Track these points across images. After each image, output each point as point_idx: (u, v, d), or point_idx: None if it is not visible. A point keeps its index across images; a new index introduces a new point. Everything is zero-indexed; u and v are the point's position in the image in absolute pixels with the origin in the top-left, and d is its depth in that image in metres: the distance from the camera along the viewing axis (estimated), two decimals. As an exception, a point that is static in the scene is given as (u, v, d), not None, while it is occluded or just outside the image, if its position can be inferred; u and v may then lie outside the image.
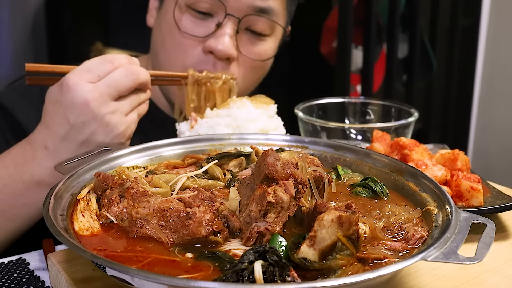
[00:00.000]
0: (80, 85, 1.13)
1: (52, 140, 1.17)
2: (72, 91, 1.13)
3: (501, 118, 3.52)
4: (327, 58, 3.10)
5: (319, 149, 1.16)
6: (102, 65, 1.17)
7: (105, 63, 1.17)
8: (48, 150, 1.18)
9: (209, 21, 1.47)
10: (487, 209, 1.03)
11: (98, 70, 1.16)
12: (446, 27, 3.40)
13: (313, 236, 0.73)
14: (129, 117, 1.20)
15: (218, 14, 1.46)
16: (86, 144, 1.16)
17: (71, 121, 1.14)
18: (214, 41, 1.46)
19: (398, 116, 1.60)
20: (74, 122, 1.14)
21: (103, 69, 1.16)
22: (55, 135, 1.17)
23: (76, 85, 1.13)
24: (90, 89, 1.14)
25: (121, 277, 0.70)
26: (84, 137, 1.15)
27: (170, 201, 0.83)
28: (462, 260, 0.70)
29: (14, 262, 1.05)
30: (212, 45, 1.46)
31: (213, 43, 1.46)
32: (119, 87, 1.17)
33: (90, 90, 1.13)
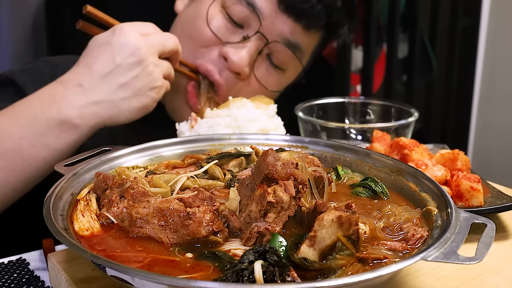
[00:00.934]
0: (134, 33, 1.21)
1: (90, 78, 1.19)
2: (127, 35, 1.20)
3: (501, 118, 3.52)
4: (327, 58, 3.10)
5: (319, 149, 1.16)
6: (149, 26, 1.28)
7: (151, 26, 1.28)
8: (82, 87, 1.19)
9: (238, 31, 1.47)
10: (487, 209, 1.03)
11: (147, 29, 1.26)
12: (446, 27, 3.40)
13: (313, 236, 0.73)
14: (165, 81, 1.29)
15: (249, 28, 1.46)
16: (125, 88, 1.20)
17: (118, 61, 1.19)
18: (233, 51, 1.46)
19: (398, 116, 1.60)
20: (120, 63, 1.19)
21: (149, 29, 1.27)
22: (95, 73, 1.19)
23: (130, 31, 1.21)
24: (142, 39, 1.22)
25: (121, 277, 0.70)
26: (126, 80, 1.19)
27: (170, 201, 0.83)
28: (462, 260, 0.70)
29: (14, 262, 1.05)
30: (230, 53, 1.45)
31: (232, 52, 1.46)
32: (166, 45, 1.27)
33: (142, 40, 1.22)
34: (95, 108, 1.20)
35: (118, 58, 1.19)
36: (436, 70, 3.35)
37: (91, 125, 1.21)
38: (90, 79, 1.19)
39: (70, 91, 1.18)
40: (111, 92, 1.19)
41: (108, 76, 1.19)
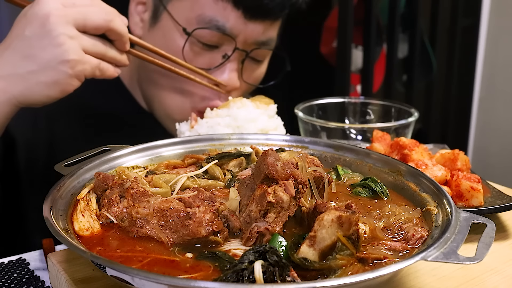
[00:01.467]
0: (54, 2, 1.11)
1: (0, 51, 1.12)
2: (40, 4, 1.10)
3: (501, 118, 3.52)
4: (327, 58, 3.10)
5: (319, 149, 1.16)
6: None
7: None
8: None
9: (215, 52, 1.46)
10: (487, 209, 1.03)
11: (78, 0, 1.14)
12: (446, 27, 3.40)
13: (313, 236, 0.73)
14: (86, 56, 1.15)
15: (224, 45, 1.46)
16: (31, 59, 1.11)
17: (27, 32, 1.11)
18: (220, 74, 1.46)
19: (398, 116, 1.60)
20: (28, 34, 1.11)
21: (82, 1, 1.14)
22: (5, 46, 1.12)
23: (47, 2, 1.10)
24: (57, 6, 1.11)
25: (121, 277, 0.70)
26: (32, 51, 1.11)
27: (170, 201, 0.83)
28: (462, 260, 0.70)
29: (14, 262, 1.05)
30: (219, 78, 1.46)
31: (220, 76, 1.46)
32: (87, 19, 1.13)
33: (57, 7, 1.11)
34: (2, 83, 1.11)
35: (27, 29, 1.10)
36: (436, 70, 3.35)
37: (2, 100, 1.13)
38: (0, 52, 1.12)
39: None
40: (16, 65, 1.11)
41: (15, 46, 1.11)
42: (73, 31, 1.12)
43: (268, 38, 1.50)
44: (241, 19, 1.42)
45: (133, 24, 1.56)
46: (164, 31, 1.48)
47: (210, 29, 1.41)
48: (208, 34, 1.42)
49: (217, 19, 1.41)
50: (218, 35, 1.43)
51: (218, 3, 1.40)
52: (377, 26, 2.95)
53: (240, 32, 1.44)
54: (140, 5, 1.56)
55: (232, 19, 1.41)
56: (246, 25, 1.44)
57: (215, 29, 1.41)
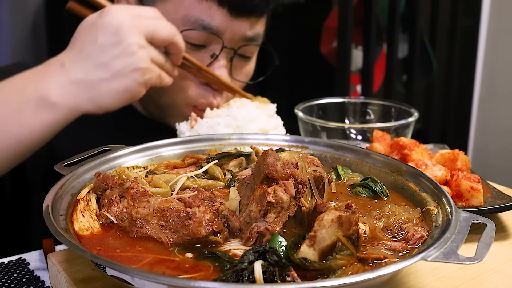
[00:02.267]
0: (121, 13, 1.17)
1: (72, 57, 1.17)
2: (111, 15, 1.16)
3: (501, 118, 3.52)
4: (327, 58, 3.10)
5: (319, 149, 1.16)
6: (147, 10, 1.22)
7: (150, 10, 1.23)
8: (64, 67, 1.16)
9: (202, 51, 1.46)
10: (487, 209, 1.03)
11: (141, 12, 1.20)
12: (446, 27, 3.40)
13: (313, 236, 0.73)
14: (153, 65, 1.22)
15: (212, 45, 1.46)
16: (104, 67, 1.16)
17: (99, 40, 1.15)
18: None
19: (398, 116, 1.60)
20: (101, 42, 1.15)
21: (146, 13, 1.21)
22: (77, 53, 1.17)
23: (116, 11, 1.17)
24: (129, 18, 1.17)
25: (121, 277, 0.70)
26: (105, 59, 1.15)
27: (170, 201, 0.83)
28: (462, 260, 0.70)
29: (14, 262, 1.05)
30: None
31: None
32: (156, 32, 1.20)
33: (129, 18, 1.17)
34: (74, 88, 1.15)
35: (100, 38, 1.15)
36: (436, 70, 3.35)
37: (70, 105, 1.16)
38: (72, 58, 1.16)
39: (52, 70, 1.16)
40: (89, 71, 1.15)
41: (89, 55, 1.15)
42: (143, 41, 1.19)
43: (255, 33, 1.50)
44: (226, 17, 1.42)
45: None
46: None
47: (196, 29, 1.41)
48: (194, 35, 1.42)
49: (202, 19, 1.41)
50: (205, 35, 1.43)
51: (203, 3, 1.40)
52: (377, 26, 2.95)
53: (226, 30, 1.44)
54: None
55: (218, 18, 1.42)
56: (232, 22, 1.44)
57: (201, 29, 1.42)
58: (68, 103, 1.16)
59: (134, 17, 1.18)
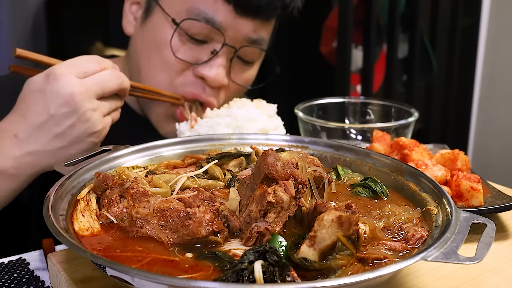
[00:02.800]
0: (68, 77, 1.14)
1: (25, 128, 1.15)
2: (59, 82, 1.13)
3: (501, 118, 3.52)
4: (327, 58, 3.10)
5: (319, 149, 1.16)
6: (90, 63, 1.19)
7: (93, 62, 1.20)
8: (17, 139, 1.15)
9: (204, 47, 1.47)
10: (487, 209, 1.03)
11: (86, 67, 1.18)
12: (446, 27, 3.40)
13: (313, 236, 0.73)
14: (105, 119, 1.22)
15: (214, 41, 1.46)
16: (61, 137, 1.15)
17: (52, 111, 1.13)
18: (208, 69, 1.47)
19: (398, 116, 1.60)
20: (54, 113, 1.13)
21: (90, 67, 1.18)
22: (30, 124, 1.15)
23: (64, 76, 1.13)
24: (78, 82, 1.14)
25: (121, 277, 0.70)
26: (61, 129, 1.14)
27: (170, 201, 0.83)
28: (462, 260, 0.70)
29: (14, 262, 1.05)
30: (205, 73, 1.47)
31: (207, 71, 1.47)
32: (105, 87, 1.19)
33: (78, 83, 1.14)
34: (31, 158, 1.17)
35: (51, 108, 1.13)
36: (436, 70, 3.35)
37: (29, 174, 1.19)
38: (25, 129, 1.15)
39: (6, 143, 1.16)
40: (46, 143, 1.16)
41: (43, 126, 1.14)
42: (95, 103, 1.18)
43: (258, 37, 1.50)
44: (231, 14, 1.43)
45: (126, 23, 1.59)
46: (154, 24, 1.50)
47: (199, 21, 1.42)
48: (197, 26, 1.43)
49: (206, 12, 1.42)
50: (207, 28, 1.44)
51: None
52: (377, 26, 2.95)
53: (230, 27, 1.44)
54: (135, 5, 1.58)
55: (222, 13, 1.42)
56: (236, 20, 1.44)
57: (204, 21, 1.42)
58: (27, 172, 1.19)
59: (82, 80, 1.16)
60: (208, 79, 1.47)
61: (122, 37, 1.65)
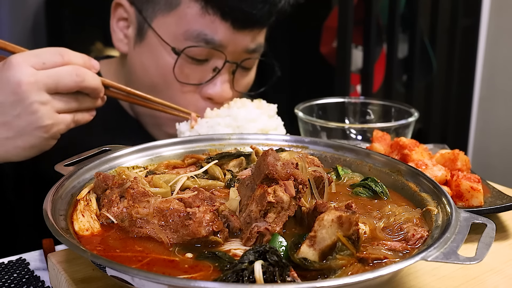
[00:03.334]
0: (22, 66, 1.11)
1: None
2: (11, 70, 1.10)
3: (501, 118, 3.52)
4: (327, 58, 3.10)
5: (319, 149, 1.16)
6: (52, 55, 1.15)
7: (55, 55, 1.15)
8: None
9: (205, 65, 1.46)
10: (487, 209, 1.03)
11: (45, 59, 1.14)
12: (446, 27, 3.40)
13: (313, 236, 0.73)
14: (60, 116, 1.16)
15: (214, 58, 1.45)
16: (7, 127, 1.12)
17: (2, 98, 1.11)
18: (213, 87, 1.46)
19: (398, 116, 1.60)
20: (2, 101, 1.11)
21: (50, 59, 1.14)
22: None
23: (17, 65, 1.10)
24: (29, 72, 1.11)
25: (121, 277, 0.70)
26: (6, 119, 1.12)
27: (170, 201, 0.83)
28: (462, 260, 0.70)
29: (14, 262, 1.05)
30: (211, 92, 1.46)
31: (212, 89, 1.46)
32: (59, 83, 1.14)
33: (28, 73, 1.11)
34: None
35: (2, 97, 1.10)
36: (436, 70, 3.35)
37: None
38: None
39: None
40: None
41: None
42: (45, 96, 1.13)
43: (256, 45, 1.50)
44: (229, 31, 1.41)
45: (117, 41, 1.55)
46: (151, 48, 1.47)
47: (199, 45, 1.40)
48: (197, 50, 1.41)
49: (205, 33, 1.40)
50: (207, 50, 1.42)
51: (206, 16, 1.39)
52: (377, 26, 2.95)
53: (229, 44, 1.43)
54: (122, 21, 1.54)
55: (221, 32, 1.40)
56: (234, 35, 1.43)
57: (204, 44, 1.40)
58: None
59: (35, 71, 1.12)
60: (214, 97, 1.46)
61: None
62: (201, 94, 1.47)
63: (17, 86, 1.10)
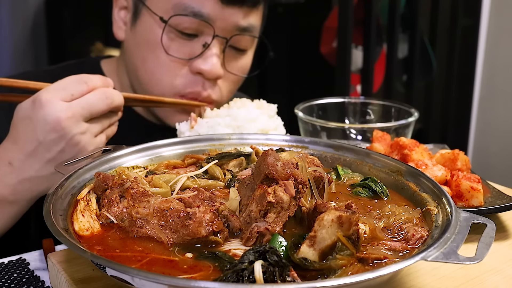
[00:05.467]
0: (54, 103, 1.13)
1: (18, 156, 1.17)
2: (45, 108, 1.13)
3: (501, 118, 3.52)
4: (327, 58, 3.11)
5: (319, 149, 1.16)
6: (77, 85, 1.17)
7: (80, 83, 1.18)
8: (12, 166, 1.17)
9: (195, 41, 1.47)
10: (487, 209, 1.03)
11: (73, 90, 1.16)
12: (446, 27, 3.40)
13: (313, 236, 0.73)
14: (97, 139, 1.21)
15: (204, 34, 1.47)
16: (53, 163, 1.15)
17: (41, 138, 1.14)
18: (203, 63, 1.47)
19: (398, 116, 1.60)
20: (43, 139, 1.14)
21: (77, 89, 1.17)
22: (22, 151, 1.16)
23: (49, 102, 1.13)
24: (64, 108, 1.14)
25: (121, 277, 0.70)
26: (52, 155, 1.15)
27: (170, 201, 0.83)
28: (462, 260, 0.70)
29: (14, 262, 1.05)
30: (201, 66, 1.47)
31: (203, 64, 1.47)
32: (93, 110, 1.18)
33: (63, 109, 1.14)
34: (27, 185, 1.19)
35: (40, 135, 1.14)
36: (436, 70, 3.35)
37: (27, 199, 1.22)
38: (18, 156, 1.17)
39: (2, 170, 1.18)
40: (40, 169, 1.17)
41: (34, 153, 1.16)
42: (83, 126, 1.17)
43: (248, 24, 1.50)
44: (217, 5, 1.43)
45: (117, 29, 1.59)
46: (144, 26, 1.50)
47: (187, 15, 1.43)
48: (185, 21, 1.44)
49: (192, 6, 1.42)
50: (195, 22, 1.44)
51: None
52: (377, 26, 2.95)
53: (218, 18, 1.44)
54: (123, 10, 1.58)
55: (208, 4, 1.43)
56: (223, 10, 1.44)
57: (192, 15, 1.43)
58: (26, 197, 1.21)
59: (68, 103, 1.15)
60: (204, 72, 1.47)
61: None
62: (191, 68, 1.48)
63: (56, 124, 1.13)
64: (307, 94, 1.79)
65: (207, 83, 1.50)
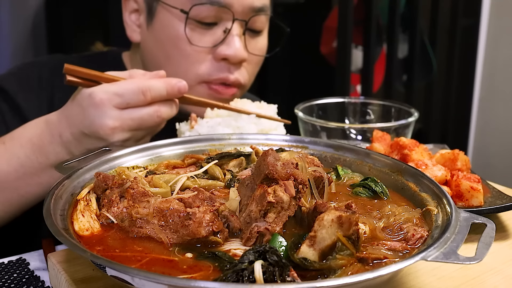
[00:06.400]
0: (106, 107, 1.15)
1: (67, 134, 1.21)
2: (97, 109, 1.15)
3: (501, 118, 3.53)
4: (327, 58, 3.11)
5: (319, 149, 1.16)
6: (135, 94, 1.18)
7: (138, 94, 1.18)
8: (62, 139, 1.21)
9: (215, 29, 1.50)
10: (487, 209, 1.03)
11: (129, 99, 1.17)
12: (446, 27, 3.40)
13: (313, 236, 0.73)
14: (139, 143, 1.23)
15: (223, 21, 1.49)
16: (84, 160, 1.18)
17: (87, 131, 1.18)
18: (226, 48, 1.48)
19: (398, 116, 1.60)
20: (89, 133, 1.18)
21: (134, 100, 1.18)
22: (71, 131, 1.20)
23: (102, 105, 1.15)
24: (114, 116, 1.16)
25: (121, 277, 0.70)
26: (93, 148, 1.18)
27: (170, 201, 0.83)
28: (462, 260, 0.70)
29: (14, 262, 1.05)
30: (225, 52, 1.48)
31: (226, 50, 1.48)
32: (142, 125, 1.20)
33: (113, 116, 1.16)
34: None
35: (86, 129, 1.18)
36: (436, 70, 3.35)
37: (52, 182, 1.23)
38: (67, 135, 1.21)
39: (55, 139, 1.22)
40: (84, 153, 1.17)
41: (80, 139, 1.20)
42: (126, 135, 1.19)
43: (262, 4, 1.53)
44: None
45: (131, 32, 1.60)
46: (162, 23, 1.51)
47: (206, 3, 1.44)
48: (204, 11, 1.45)
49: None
50: (214, 9, 1.46)
51: None
52: (377, 26, 2.95)
53: (234, 2, 1.47)
54: (134, 13, 1.59)
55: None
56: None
57: (209, 3, 1.45)
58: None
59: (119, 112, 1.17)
60: (230, 57, 1.48)
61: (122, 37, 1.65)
62: (215, 55, 1.50)
63: (100, 128, 1.16)
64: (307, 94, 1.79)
65: (232, 67, 1.51)
